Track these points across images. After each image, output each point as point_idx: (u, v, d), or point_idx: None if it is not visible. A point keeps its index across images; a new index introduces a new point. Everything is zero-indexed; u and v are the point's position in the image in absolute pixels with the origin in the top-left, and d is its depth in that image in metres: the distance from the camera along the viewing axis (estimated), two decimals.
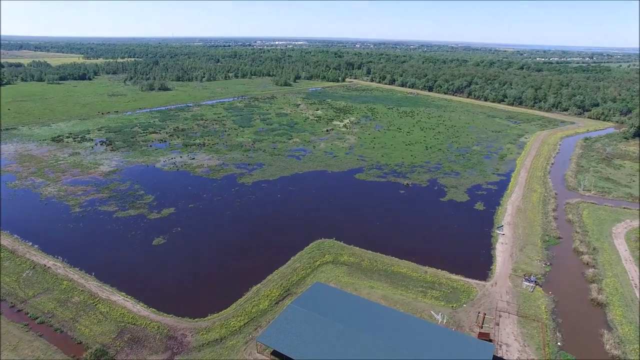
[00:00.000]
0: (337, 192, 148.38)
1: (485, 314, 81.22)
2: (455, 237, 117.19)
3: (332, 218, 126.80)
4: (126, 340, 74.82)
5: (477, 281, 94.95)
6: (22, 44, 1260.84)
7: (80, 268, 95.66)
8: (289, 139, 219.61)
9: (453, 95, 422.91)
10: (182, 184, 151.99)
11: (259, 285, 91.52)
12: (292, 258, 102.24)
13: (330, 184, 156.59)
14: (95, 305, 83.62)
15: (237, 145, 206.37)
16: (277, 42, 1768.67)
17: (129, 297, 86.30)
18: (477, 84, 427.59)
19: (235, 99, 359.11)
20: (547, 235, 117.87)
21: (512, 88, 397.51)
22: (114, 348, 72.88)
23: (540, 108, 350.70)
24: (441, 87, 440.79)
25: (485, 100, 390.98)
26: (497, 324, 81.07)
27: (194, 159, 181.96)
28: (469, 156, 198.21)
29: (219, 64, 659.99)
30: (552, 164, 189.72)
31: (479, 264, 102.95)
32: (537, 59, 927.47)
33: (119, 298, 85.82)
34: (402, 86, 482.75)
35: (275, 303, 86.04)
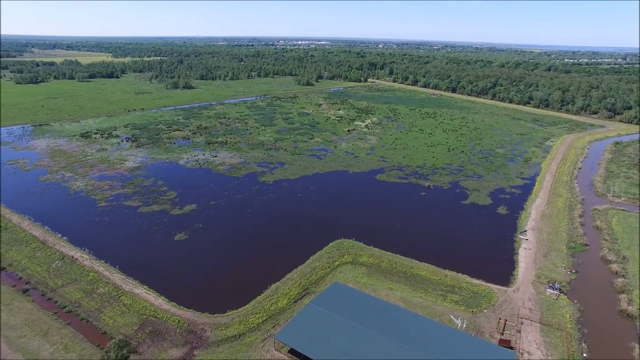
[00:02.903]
0: (358, 192, 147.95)
1: (506, 320, 79.64)
2: (477, 241, 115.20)
3: (352, 218, 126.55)
4: (148, 333, 76.61)
5: (498, 286, 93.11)
6: (55, 44, 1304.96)
7: (106, 260, 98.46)
8: (311, 139, 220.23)
9: (477, 96, 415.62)
10: (204, 181, 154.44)
11: (277, 283, 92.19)
12: (311, 257, 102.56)
13: (350, 184, 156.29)
14: (119, 297, 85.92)
15: (259, 143, 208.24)
16: (300, 42, 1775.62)
17: (151, 290, 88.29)
18: (501, 86, 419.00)
19: (258, 98, 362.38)
20: (573, 242, 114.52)
21: (538, 90, 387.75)
22: (136, 339, 74.73)
23: (567, 111, 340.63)
24: (465, 88, 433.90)
25: (510, 102, 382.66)
26: (519, 331, 79.30)
27: (216, 156, 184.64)
28: (492, 159, 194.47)
29: (242, 63, 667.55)
30: (580, 168, 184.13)
31: (500, 269, 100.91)
32: (566, 60, 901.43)
33: (142, 291, 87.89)
34: (425, 87, 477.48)
35: (294, 302, 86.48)
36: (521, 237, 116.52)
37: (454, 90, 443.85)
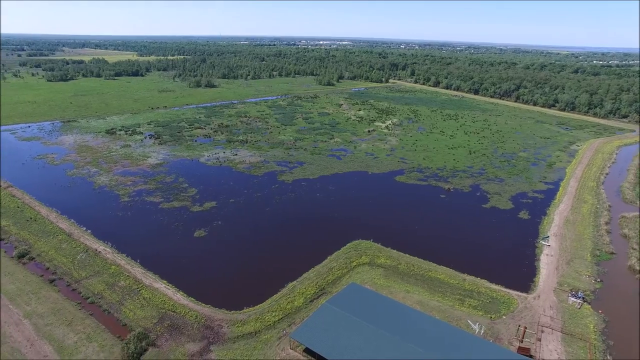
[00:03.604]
0: (377, 193, 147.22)
1: (526, 328, 77.90)
2: (497, 246, 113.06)
3: (370, 219, 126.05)
4: (166, 326, 78.11)
5: (518, 292, 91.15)
6: (84, 43, 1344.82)
7: (127, 254, 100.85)
8: (330, 139, 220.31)
9: (500, 99, 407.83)
10: (224, 179, 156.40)
11: (294, 282, 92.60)
12: (328, 257, 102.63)
13: (370, 185, 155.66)
14: (139, 290, 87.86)
15: (279, 143, 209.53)
16: (321, 42, 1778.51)
17: (170, 285, 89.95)
18: (526, 88, 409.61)
19: (279, 97, 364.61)
20: (599, 249, 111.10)
21: (564, 92, 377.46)
22: (155, 332, 76.30)
23: (595, 114, 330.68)
24: (487, 90, 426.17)
25: (534, 104, 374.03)
26: (539, 340, 77.45)
27: (236, 155, 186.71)
28: (514, 162, 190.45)
29: (263, 62, 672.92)
30: (607, 174, 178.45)
31: (521, 275, 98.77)
32: (594, 62, 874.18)
33: (161, 285, 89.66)
34: (447, 88, 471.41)
35: (310, 301, 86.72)
36: (543, 243, 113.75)
37: (476, 92, 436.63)
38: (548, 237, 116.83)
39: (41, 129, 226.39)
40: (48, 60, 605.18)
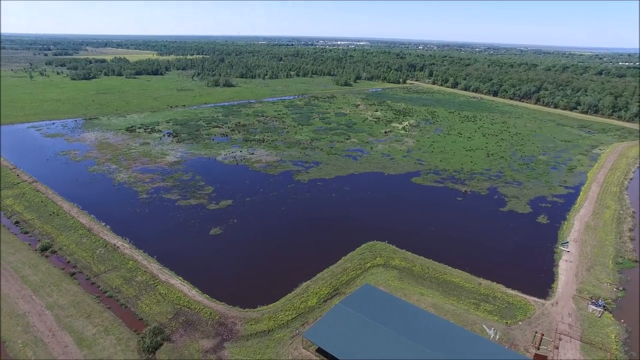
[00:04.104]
0: (393, 194, 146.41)
1: (542, 335, 76.38)
2: (514, 250, 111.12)
3: (385, 220, 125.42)
4: (181, 322, 79.24)
5: (535, 298, 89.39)
6: (106, 42, 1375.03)
7: (144, 250, 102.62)
8: (347, 139, 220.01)
9: (519, 100, 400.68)
10: (241, 177, 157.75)
11: (308, 282, 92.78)
12: (343, 258, 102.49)
13: (385, 186, 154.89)
14: (156, 286, 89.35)
15: (295, 142, 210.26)
16: (339, 42, 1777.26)
17: (186, 281, 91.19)
18: (546, 90, 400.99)
19: (296, 97, 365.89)
20: (621, 257, 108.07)
21: (587, 95, 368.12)
22: (170, 328, 77.50)
23: (620, 117, 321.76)
24: (507, 92, 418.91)
25: (555, 107, 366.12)
26: (557, 347, 75.77)
27: (253, 154, 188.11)
28: (533, 166, 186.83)
29: (281, 62, 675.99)
30: (631, 179, 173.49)
31: (538, 281, 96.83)
32: (620, 63, 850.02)
33: (177, 282, 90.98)
34: (465, 90, 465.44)
35: (324, 301, 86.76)
36: (562, 248, 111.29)
37: (495, 94, 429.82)
38: (567, 242, 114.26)
39: (64, 126, 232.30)
40: (72, 60, 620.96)
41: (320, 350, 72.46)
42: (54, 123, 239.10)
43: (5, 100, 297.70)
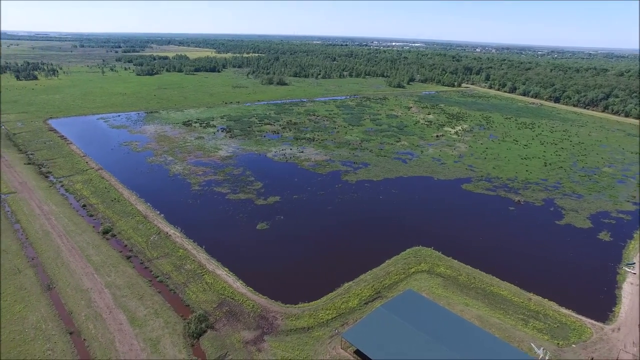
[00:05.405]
0: (441, 200, 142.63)
1: None
2: (570, 267, 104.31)
3: (432, 226, 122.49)
4: (224, 312, 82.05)
5: (593, 321, 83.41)
6: (169, 40, 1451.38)
7: (194, 240, 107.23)
8: (397, 142, 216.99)
9: (584, 108, 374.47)
10: (289, 175, 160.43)
11: (350, 282, 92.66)
12: (386, 261, 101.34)
13: (434, 191, 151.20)
14: (203, 275, 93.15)
15: (345, 142, 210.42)
16: (393, 43, 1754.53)
17: (231, 273, 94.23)
18: (617, 97, 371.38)
19: (348, 97, 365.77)
20: None
21: None
22: (214, 316, 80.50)
23: None
24: (570, 98, 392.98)
25: (627, 116, 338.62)
26: None
27: (302, 152, 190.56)
28: (597, 178, 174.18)
29: (334, 62, 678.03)
30: None
31: (597, 302, 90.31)
32: None
33: (223, 273, 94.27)
34: (524, 95, 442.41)
35: (365, 303, 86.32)
36: (627, 269, 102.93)
37: (557, 100, 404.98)
38: (634, 263, 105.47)
39: (128, 118, 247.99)
40: (138, 56, 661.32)
41: (358, 352, 72.20)
42: (119, 115, 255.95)
43: (80, 93, 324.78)
